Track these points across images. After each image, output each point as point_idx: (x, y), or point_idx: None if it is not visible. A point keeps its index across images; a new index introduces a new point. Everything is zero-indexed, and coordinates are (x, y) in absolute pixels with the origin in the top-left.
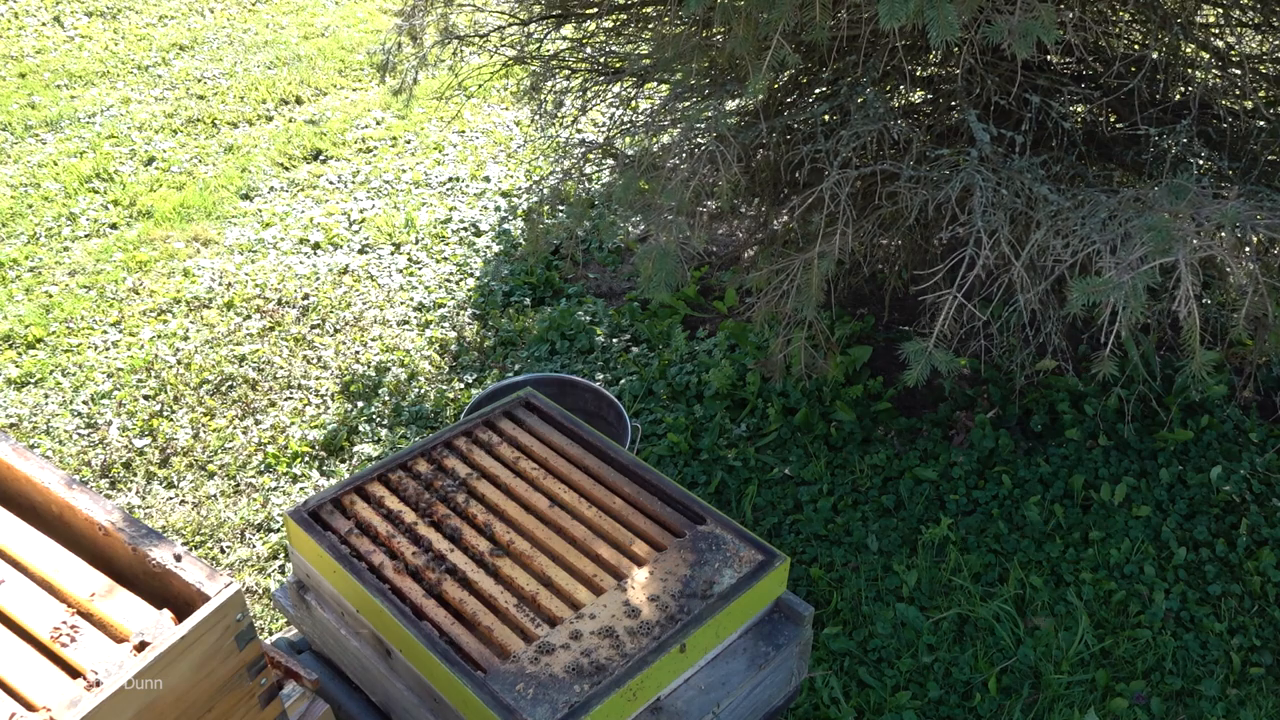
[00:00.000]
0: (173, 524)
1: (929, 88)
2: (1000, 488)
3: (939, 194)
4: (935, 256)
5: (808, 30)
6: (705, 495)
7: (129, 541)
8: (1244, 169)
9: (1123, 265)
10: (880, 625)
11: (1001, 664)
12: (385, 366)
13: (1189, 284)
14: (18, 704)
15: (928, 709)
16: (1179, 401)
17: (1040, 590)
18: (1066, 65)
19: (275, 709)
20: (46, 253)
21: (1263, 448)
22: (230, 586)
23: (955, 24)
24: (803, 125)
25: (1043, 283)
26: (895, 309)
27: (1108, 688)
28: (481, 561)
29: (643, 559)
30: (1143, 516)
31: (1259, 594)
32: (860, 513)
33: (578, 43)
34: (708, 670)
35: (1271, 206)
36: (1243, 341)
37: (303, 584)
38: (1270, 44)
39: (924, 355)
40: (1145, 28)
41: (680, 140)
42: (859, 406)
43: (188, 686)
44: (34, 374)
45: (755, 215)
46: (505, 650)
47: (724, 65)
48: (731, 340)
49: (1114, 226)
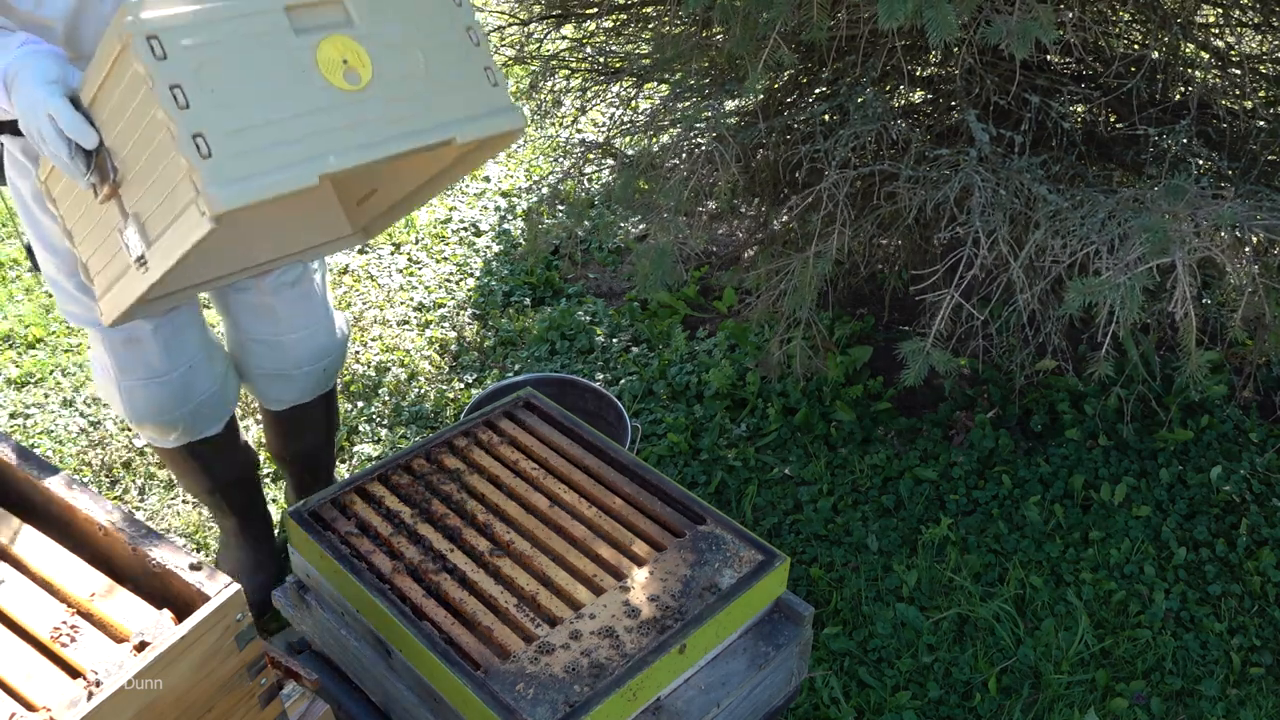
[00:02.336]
0: (173, 524)
1: (929, 88)
2: (1000, 488)
3: (937, 194)
4: (935, 256)
5: (807, 30)
6: (705, 495)
7: (129, 542)
8: (1244, 169)
9: (1119, 266)
10: (880, 625)
11: (1001, 664)
12: (385, 366)
13: (1185, 285)
14: (18, 704)
15: (928, 709)
16: (1179, 401)
17: (1040, 590)
18: (1066, 65)
19: (275, 709)
20: None
21: (1263, 448)
22: (230, 587)
23: (954, 24)
24: (802, 125)
25: (1041, 283)
26: (895, 309)
27: (1108, 688)
28: (481, 561)
29: (643, 559)
30: (1143, 516)
31: (1259, 594)
32: (860, 513)
33: (578, 43)
34: (708, 670)
35: (1271, 207)
36: (1243, 342)
37: (303, 584)
38: (1270, 44)
39: (921, 355)
40: (1145, 28)
41: (679, 140)
42: (859, 406)
43: (188, 686)
44: (34, 374)
45: (755, 215)
46: (505, 650)
47: (724, 65)
48: (731, 340)
49: (1112, 227)
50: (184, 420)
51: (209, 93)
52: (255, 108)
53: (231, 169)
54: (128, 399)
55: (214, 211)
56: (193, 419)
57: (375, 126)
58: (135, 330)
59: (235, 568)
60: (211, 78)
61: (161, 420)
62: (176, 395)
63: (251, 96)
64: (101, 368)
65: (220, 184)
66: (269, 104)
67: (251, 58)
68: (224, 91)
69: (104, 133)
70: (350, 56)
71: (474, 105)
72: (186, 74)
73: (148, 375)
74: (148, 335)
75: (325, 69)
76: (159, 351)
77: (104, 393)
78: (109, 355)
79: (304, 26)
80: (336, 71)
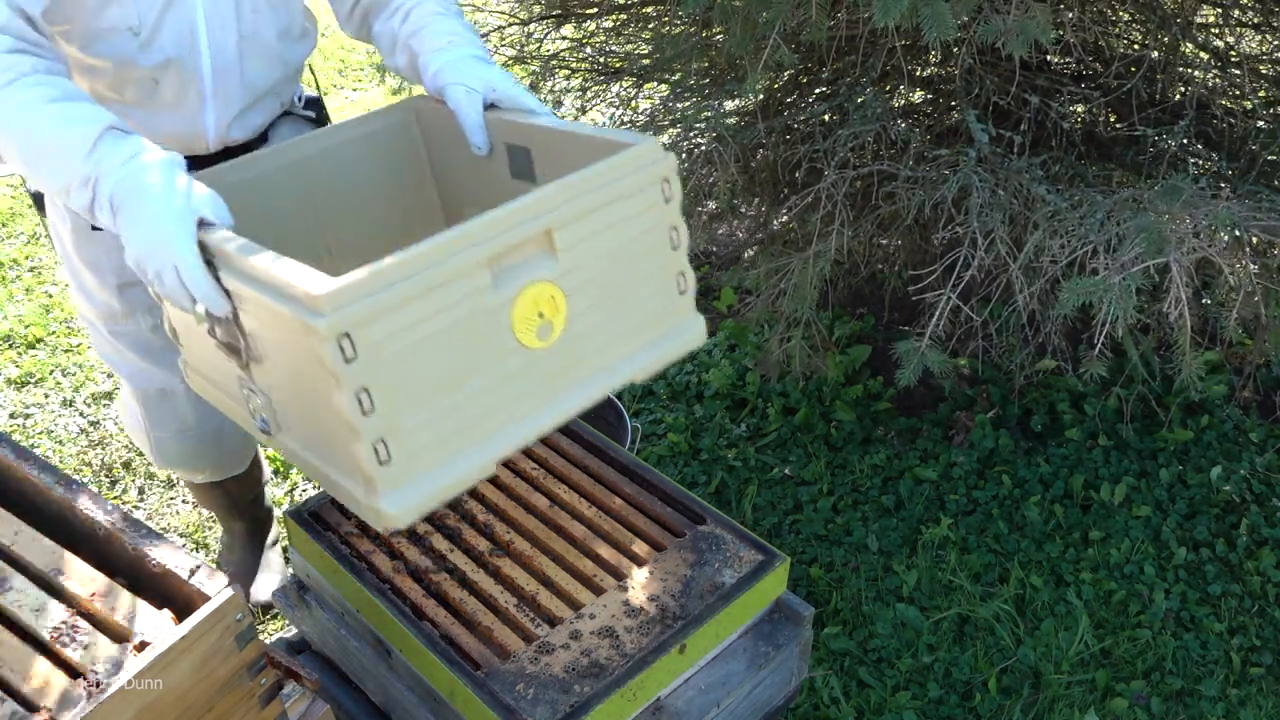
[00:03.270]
0: (173, 524)
1: (928, 88)
2: (1000, 488)
3: (936, 194)
4: (935, 256)
5: (806, 30)
6: (705, 495)
7: (129, 542)
8: (1243, 169)
9: (1115, 266)
10: (880, 625)
11: (1001, 664)
12: None
13: (1180, 285)
14: (18, 704)
15: (928, 709)
16: (1179, 401)
17: (1040, 590)
18: (1066, 65)
19: (275, 709)
20: (46, 253)
21: (1263, 448)
22: (230, 587)
23: (950, 23)
24: (802, 125)
25: (1040, 283)
26: (895, 309)
27: (1108, 688)
28: (481, 561)
29: (643, 559)
30: (1143, 516)
31: (1259, 594)
32: (860, 513)
33: (578, 43)
34: (708, 670)
35: (1270, 207)
36: (1242, 342)
37: (303, 584)
38: (1270, 44)
39: (916, 355)
40: (1145, 28)
41: (679, 140)
42: (859, 406)
43: (188, 686)
44: (34, 374)
45: (755, 215)
46: (505, 650)
47: (723, 65)
48: (731, 340)
49: (1110, 227)
50: (211, 465)
51: (396, 389)
52: (443, 395)
53: (407, 471)
54: (158, 449)
55: (384, 528)
56: (220, 464)
57: (557, 384)
58: (169, 384)
59: (238, 569)
60: (402, 371)
61: (190, 467)
62: (206, 447)
63: (441, 382)
64: (132, 414)
65: (394, 497)
66: (457, 386)
67: (447, 334)
68: (413, 384)
69: (242, 320)
70: (546, 307)
71: (658, 324)
72: (376, 374)
73: (179, 429)
74: (181, 392)
75: (519, 328)
76: (191, 408)
77: (134, 437)
78: (140, 406)
79: (505, 278)
80: (530, 328)
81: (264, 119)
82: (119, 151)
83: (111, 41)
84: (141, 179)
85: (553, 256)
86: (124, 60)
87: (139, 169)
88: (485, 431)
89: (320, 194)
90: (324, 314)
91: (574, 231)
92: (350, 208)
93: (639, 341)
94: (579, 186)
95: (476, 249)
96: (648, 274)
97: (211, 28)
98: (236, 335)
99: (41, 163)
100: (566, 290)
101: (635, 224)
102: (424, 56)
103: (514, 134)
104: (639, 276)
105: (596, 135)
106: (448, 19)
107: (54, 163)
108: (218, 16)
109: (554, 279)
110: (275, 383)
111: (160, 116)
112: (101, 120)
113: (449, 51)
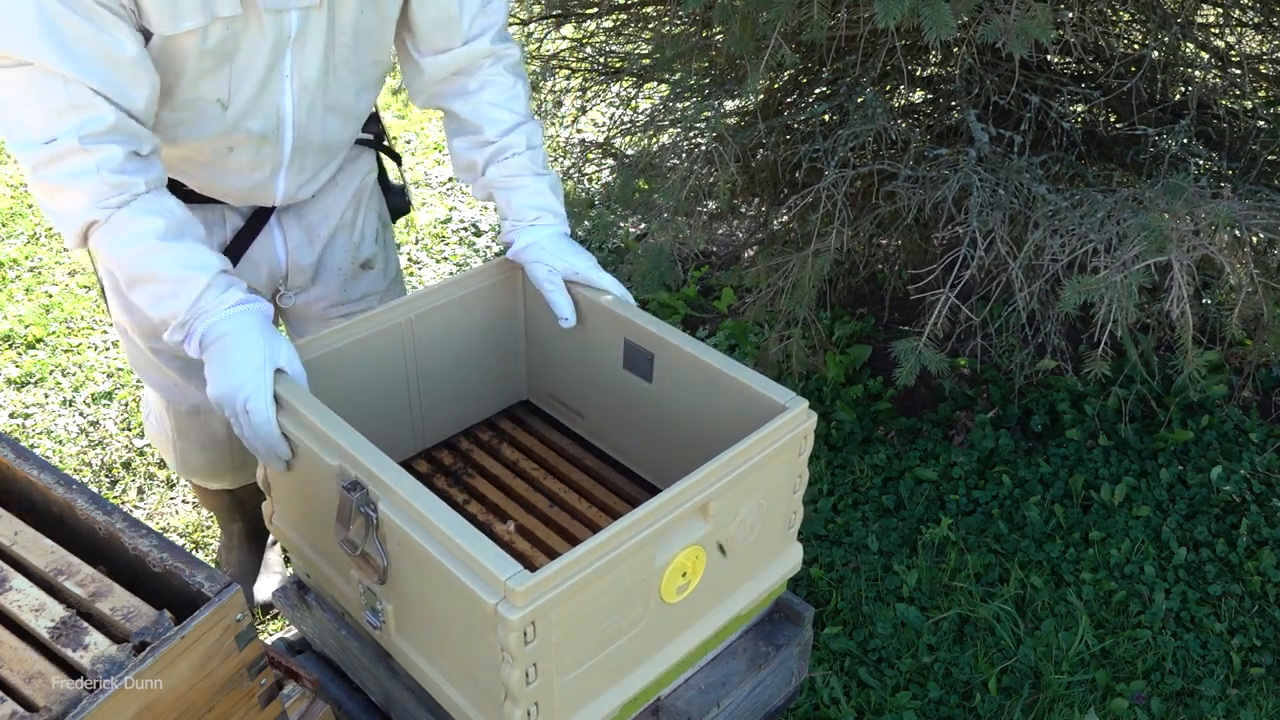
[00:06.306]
0: (173, 524)
1: (929, 88)
2: (1000, 488)
3: (936, 194)
4: (935, 256)
5: (807, 30)
6: None
7: (129, 542)
8: (1243, 169)
9: (1116, 264)
10: (880, 625)
11: (1001, 664)
12: None
13: (1182, 284)
14: (18, 704)
15: (928, 709)
16: (1178, 401)
17: (1040, 590)
18: (1066, 65)
19: (275, 709)
20: (46, 253)
21: (1263, 448)
22: (230, 586)
23: (950, 22)
24: (801, 125)
25: (1040, 282)
26: (895, 309)
27: (1108, 688)
28: None
29: None
30: (1143, 517)
31: (1259, 594)
32: (860, 513)
33: (578, 43)
34: (708, 670)
35: (1270, 206)
36: (1242, 341)
37: (302, 584)
38: (1270, 44)
39: (913, 354)
40: (1145, 28)
41: (679, 140)
42: (859, 406)
43: (188, 686)
44: (34, 374)
45: (754, 215)
46: None
47: (723, 65)
48: (732, 340)
49: (1110, 226)
50: (232, 474)
51: (558, 659)
52: (593, 657)
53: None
54: (182, 458)
55: None
56: (239, 472)
57: (679, 627)
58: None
59: (238, 570)
60: (567, 643)
61: (211, 476)
62: (232, 458)
63: (595, 646)
64: (158, 420)
65: None
66: (604, 647)
67: (609, 606)
68: (573, 653)
69: (387, 547)
70: (690, 567)
71: (768, 560)
72: (546, 651)
73: (207, 441)
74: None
75: (665, 588)
76: (221, 424)
77: (156, 442)
78: (170, 419)
79: (663, 547)
80: (674, 586)
81: (332, 171)
82: (222, 299)
83: (197, 109)
84: (236, 326)
85: (704, 521)
86: (207, 128)
87: (237, 316)
88: (614, 677)
89: (417, 352)
90: (519, 608)
91: (726, 498)
92: (441, 366)
93: (752, 578)
94: (738, 460)
95: (649, 529)
96: (771, 519)
97: (298, 107)
98: (380, 558)
99: (145, 292)
100: (707, 548)
101: (773, 479)
102: (510, 220)
103: (638, 335)
104: (764, 522)
105: (732, 374)
106: (539, 181)
107: (160, 299)
108: (306, 97)
109: (700, 540)
110: (410, 606)
111: (233, 177)
112: (210, 268)
113: (538, 230)
